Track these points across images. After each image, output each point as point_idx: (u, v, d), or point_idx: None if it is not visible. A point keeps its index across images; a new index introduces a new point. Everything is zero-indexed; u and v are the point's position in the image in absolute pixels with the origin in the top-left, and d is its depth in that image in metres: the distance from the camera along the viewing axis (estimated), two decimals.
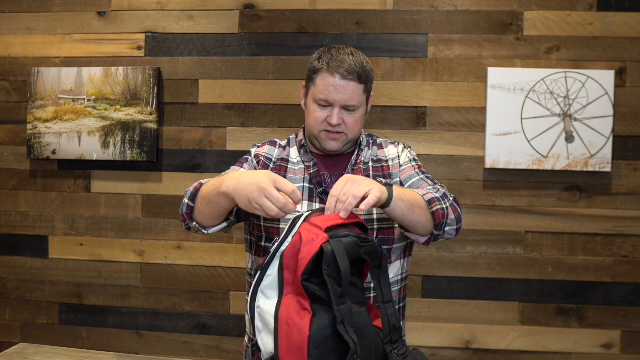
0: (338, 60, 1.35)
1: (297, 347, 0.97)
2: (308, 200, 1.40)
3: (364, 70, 1.37)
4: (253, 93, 2.40)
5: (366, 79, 1.37)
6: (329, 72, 1.34)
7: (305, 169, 1.43)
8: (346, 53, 1.38)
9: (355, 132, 1.41)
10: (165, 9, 2.44)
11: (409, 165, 1.45)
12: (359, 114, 1.39)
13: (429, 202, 1.26)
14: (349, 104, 1.35)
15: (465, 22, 2.31)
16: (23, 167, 2.53)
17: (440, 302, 2.34)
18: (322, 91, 1.35)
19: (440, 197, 1.29)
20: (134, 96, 2.41)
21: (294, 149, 1.48)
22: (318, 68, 1.38)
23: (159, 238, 2.46)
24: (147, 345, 2.47)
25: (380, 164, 1.46)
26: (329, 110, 1.36)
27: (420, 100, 2.33)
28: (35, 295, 2.53)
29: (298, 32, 2.38)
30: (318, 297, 1.01)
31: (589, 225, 2.28)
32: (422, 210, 1.24)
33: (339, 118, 1.36)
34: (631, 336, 2.28)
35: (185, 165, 2.44)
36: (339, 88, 1.34)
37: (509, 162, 2.27)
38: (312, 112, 1.39)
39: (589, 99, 2.24)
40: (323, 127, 1.38)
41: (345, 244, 1.01)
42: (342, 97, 1.34)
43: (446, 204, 1.28)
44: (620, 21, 2.25)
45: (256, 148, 1.51)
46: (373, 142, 1.52)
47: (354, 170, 1.43)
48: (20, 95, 2.51)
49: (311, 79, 1.40)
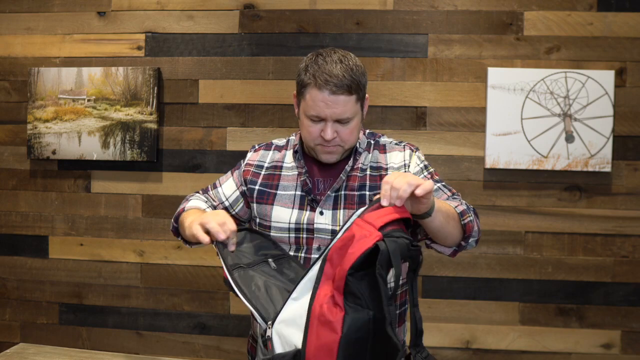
0: (325, 72, 1.26)
1: (328, 347, 0.95)
2: (298, 208, 1.36)
3: (354, 79, 1.28)
4: (253, 93, 2.40)
5: (357, 88, 1.29)
6: (317, 87, 1.27)
7: (297, 175, 1.40)
8: (333, 61, 1.28)
9: (352, 142, 1.36)
10: (165, 9, 2.44)
11: (421, 176, 1.36)
12: (354, 124, 1.33)
13: (461, 214, 1.24)
14: (341, 117, 1.29)
15: (465, 22, 2.31)
16: (23, 167, 2.53)
17: (440, 302, 2.34)
18: (313, 107, 1.29)
19: (467, 209, 1.27)
20: (134, 96, 2.41)
21: (290, 152, 1.45)
22: (306, 82, 1.30)
23: (159, 238, 2.46)
24: (147, 345, 2.47)
25: (379, 172, 1.37)
26: (322, 125, 1.31)
27: (420, 100, 2.33)
28: (35, 295, 2.53)
29: (298, 32, 2.38)
30: (354, 295, 0.97)
31: (589, 225, 2.28)
32: (455, 222, 1.22)
33: (333, 132, 1.30)
34: (631, 336, 2.28)
35: (185, 165, 2.44)
36: (329, 103, 1.27)
37: (509, 162, 2.27)
38: (306, 127, 1.33)
39: (589, 99, 2.24)
40: (318, 142, 1.33)
41: (400, 245, 0.98)
42: (334, 111, 1.28)
43: (473, 217, 1.27)
44: (620, 21, 2.25)
45: (252, 153, 1.49)
46: (375, 143, 1.43)
47: (349, 177, 1.37)
48: (20, 95, 2.51)
49: (301, 92, 1.33)
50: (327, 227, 1.33)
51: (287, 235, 1.36)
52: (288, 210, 1.37)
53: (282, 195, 1.39)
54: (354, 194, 1.35)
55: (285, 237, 1.36)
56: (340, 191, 1.36)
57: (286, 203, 1.37)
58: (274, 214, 1.38)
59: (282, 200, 1.38)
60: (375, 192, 1.34)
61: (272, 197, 1.40)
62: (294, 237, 1.35)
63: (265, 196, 1.40)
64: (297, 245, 1.35)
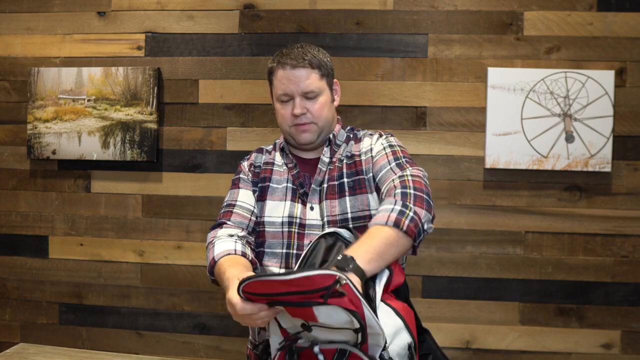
0: (286, 54, 1.39)
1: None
2: (291, 200, 1.40)
3: (314, 57, 1.39)
4: (253, 93, 2.40)
5: (319, 64, 1.39)
6: (281, 66, 1.38)
7: (287, 170, 1.45)
8: (295, 47, 1.41)
9: (324, 120, 1.40)
10: (165, 9, 2.44)
11: (382, 153, 1.38)
12: (323, 99, 1.40)
13: (395, 224, 1.14)
14: (306, 90, 1.37)
15: (465, 22, 2.31)
16: (23, 167, 2.53)
17: (440, 302, 2.34)
18: (279, 86, 1.39)
19: (401, 207, 1.18)
20: (134, 96, 2.41)
21: (277, 152, 1.50)
22: (272, 68, 1.42)
23: (159, 238, 2.46)
24: (147, 345, 2.47)
25: (352, 160, 1.42)
26: (291, 104, 1.39)
27: (420, 100, 2.33)
28: (35, 295, 2.53)
29: (298, 32, 2.38)
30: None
31: (589, 225, 2.28)
32: (395, 243, 1.14)
33: (302, 107, 1.37)
34: (631, 336, 2.28)
35: (185, 165, 2.44)
36: (291, 78, 1.37)
37: (509, 162, 2.27)
38: (279, 111, 1.42)
39: (589, 99, 2.23)
40: (291, 122, 1.40)
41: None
42: (297, 85, 1.37)
43: (411, 209, 1.18)
44: (620, 21, 2.25)
45: (246, 161, 1.52)
46: (353, 136, 1.48)
47: (330, 169, 1.41)
48: (20, 95, 2.51)
49: (270, 81, 1.44)
50: (318, 222, 1.37)
51: (281, 230, 1.38)
52: (281, 203, 1.40)
53: (274, 189, 1.43)
54: (334, 184, 1.39)
55: (278, 232, 1.38)
56: (323, 184, 1.40)
57: (278, 196, 1.41)
58: (267, 208, 1.41)
59: (274, 193, 1.42)
60: (352, 178, 1.39)
61: (266, 191, 1.43)
62: (287, 232, 1.38)
63: (261, 193, 1.44)
64: (289, 240, 1.37)
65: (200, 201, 2.43)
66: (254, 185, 1.46)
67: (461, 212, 2.32)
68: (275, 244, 1.38)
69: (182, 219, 2.44)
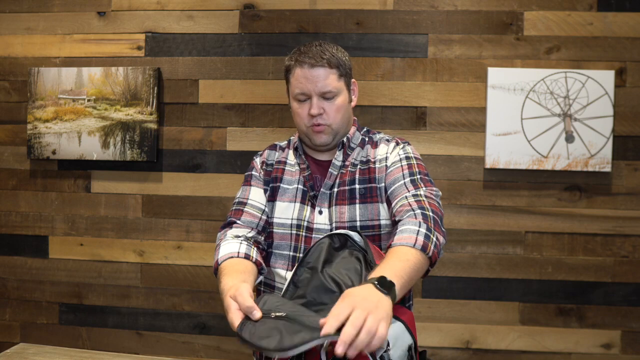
0: (304, 52, 1.36)
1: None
2: (300, 202, 1.38)
3: (333, 55, 1.35)
4: (253, 93, 2.40)
5: (337, 63, 1.36)
6: (299, 64, 1.35)
7: (299, 171, 1.43)
8: (313, 45, 1.37)
9: (339, 122, 1.38)
10: (165, 9, 2.44)
11: (397, 165, 1.36)
12: (339, 101, 1.37)
13: (423, 248, 1.14)
14: (324, 90, 1.34)
15: (465, 22, 2.31)
16: (23, 167, 2.53)
17: (440, 302, 2.34)
18: (297, 85, 1.36)
19: (426, 231, 1.17)
20: (134, 96, 2.41)
21: (291, 150, 1.48)
22: (289, 66, 1.39)
23: (159, 238, 2.46)
24: (147, 345, 2.47)
25: (367, 166, 1.39)
26: (308, 104, 1.36)
27: (420, 100, 2.33)
28: (35, 295, 2.53)
29: (298, 32, 2.38)
30: None
31: (589, 225, 2.28)
32: (421, 268, 1.15)
33: (319, 107, 1.35)
34: (631, 336, 2.28)
35: (185, 165, 2.44)
36: (309, 77, 1.34)
37: (509, 162, 2.27)
38: (295, 110, 1.39)
39: (589, 99, 2.24)
40: (308, 123, 1.37)
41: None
42: (315, 85, 1.34)
43: (434, 234, 1.18)
44: (620, 21, 2.25)
45: (259, 157, 1.50)
46: (369, 140, 1.45)
47: (342, 173, 1.39)
48: (20, 95, 2.51)
49: (287, 79, 1.41)
50: (326, 227, 1.35)
51: (289, 232, 1.37)
52: (290, 205, 1.39)
53: (285, 190, 1.41)
54: (345, 189, 1.37)
55: (286, 234, 1.37)
56: (334, 188, 1.38)
57: (289, 197, 1.40)
58: (277, 209, 1.39)
59: (285, 194, 1.40)
60: (364, 185, 1.36)
61: (276, 192, 1.42)
62: (295, 234, 1.37)
63: (272, 193, 1.43)
64: (296, 243, 1.36)
65: (200, 201, 2.43)
66: (265, 184, 1.44)
67: (461, 212, 2.32)
68: (282, 246, 1.37)
69: (182, 219, 2.44)
